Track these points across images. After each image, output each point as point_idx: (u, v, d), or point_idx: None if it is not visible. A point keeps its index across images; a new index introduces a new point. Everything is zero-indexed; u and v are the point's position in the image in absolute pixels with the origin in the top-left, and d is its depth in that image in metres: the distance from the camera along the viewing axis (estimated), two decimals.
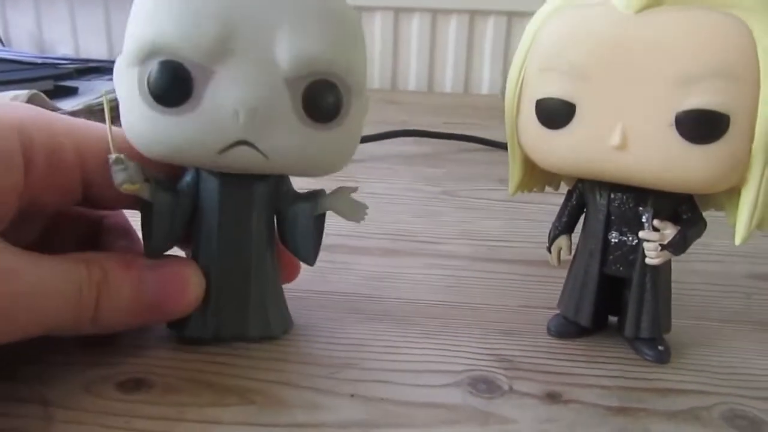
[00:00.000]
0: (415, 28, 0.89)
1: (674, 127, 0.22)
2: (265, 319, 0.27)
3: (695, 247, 0.26)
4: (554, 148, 0.25)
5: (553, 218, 0.29)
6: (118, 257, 0.25)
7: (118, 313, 0.24)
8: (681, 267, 0.35)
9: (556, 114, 0.24)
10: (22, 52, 0.86)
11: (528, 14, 0.26)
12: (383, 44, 0.89)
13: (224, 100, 0.22)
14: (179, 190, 0.25)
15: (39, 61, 0.75)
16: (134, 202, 0.25)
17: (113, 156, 0.23)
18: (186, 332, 0.26)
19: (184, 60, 0.22)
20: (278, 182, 0.26)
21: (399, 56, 0.90)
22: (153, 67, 0.22)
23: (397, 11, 0.88)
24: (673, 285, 0.27)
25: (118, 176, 0.23)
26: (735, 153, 0.22)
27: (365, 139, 0.56)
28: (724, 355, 0.27)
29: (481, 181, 0.51)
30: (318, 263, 0.28)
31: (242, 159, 0.23)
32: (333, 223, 0.28)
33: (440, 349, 0.27)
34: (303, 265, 0.29)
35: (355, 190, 0.27)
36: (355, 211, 0.27)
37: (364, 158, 0.54)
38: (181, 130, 0.22)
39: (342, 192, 0.27)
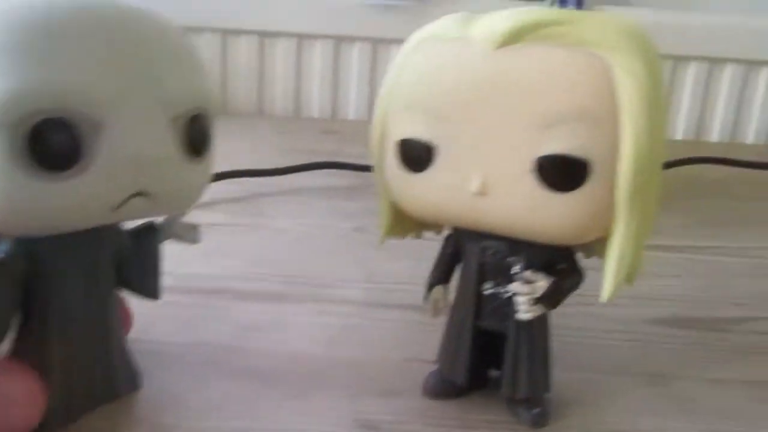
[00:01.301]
0: (355, 56, 0.87)
1: (534, 173, 0.20)
2: (126, 375, 0.25)
3: (596, 290, 0.24)
4: (416, 193, 0.23)
5: None
6: None
7: None
8: (580, 311, 0.33)
9: (417, 156, 0.22)
10: None
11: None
12: (322, 72, 0.87)
13: (121, 154, 0.20)
14: (1, 264, 0.21)
15: None
16: None
17: None
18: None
19: (70, 115, 0.18)
20: (118, 225, 0.24)
21: (339, 84, 0.88)
22: (30, 128, 0.18)
23: (338, 40, 0.86)
24: (568, 332, 0.25)
25: None
26: (598, 201, 0.20)
27: (281, 171, 0.54)
28: (607, 414, 0.25)
29: None
30: (187, 310, 0.25)
31: (133, 211, 0.21)
32: (220, 264, 0.26)
33: (302, 414, 0.25)
34: (175, 313, 0.28)
35: (184, 212, 0.25)
36: (190, 233, 0.26)
37: (277, 191, 0.51)
38: (72, 193, 0.19)
39: (174, 218, 0.25)
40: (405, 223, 0.26)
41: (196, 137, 0.22)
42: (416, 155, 0.22)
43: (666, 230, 0.45)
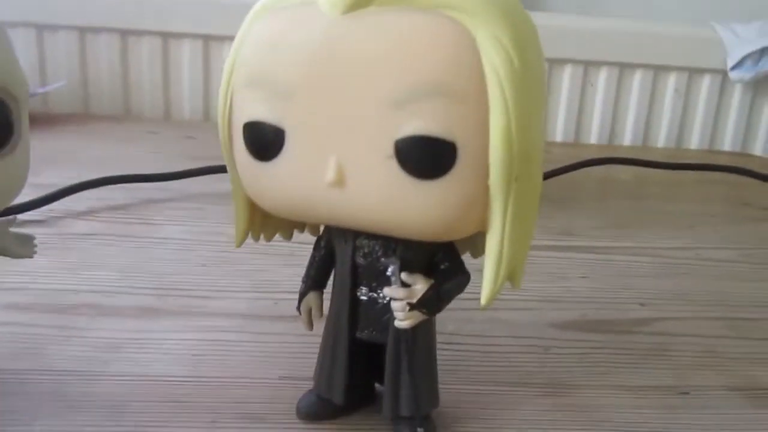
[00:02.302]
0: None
1: (394, 158, 0.17)
2: None
3: (504, 292, 0.21)
4: (266, 184, 0.19)
5: None
6: None
7: None
8: (487, 316, 0.31)
9: (263, 141, 0.19)
10: None
11: None
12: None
13: None
14: None
15: None
16: None
17: None
18: None
19: None
20: None
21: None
22: None
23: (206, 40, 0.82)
24: (465, 339, 0.23)
25: None
26: (467, 190, 0.18)
27: (177, 176, 0.49)
28: (501, 429, 0.23)
29: None
30: (37, 330, 0.21)
31: None
32: (86, 277, 0.21)
33: None
34: (18, 335, 0.25)
35: (12, 221, 0.21)
36: (23, 246, 0.22)
37: (170, 197, 0.47)
38: None
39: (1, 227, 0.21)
40: (269, 220, 0.23)
41: None
42: (263, 140, 0.19)
43: (575, 231, 0.44)
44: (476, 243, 0.22)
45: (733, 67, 0.71)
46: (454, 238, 0.19)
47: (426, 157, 0.17)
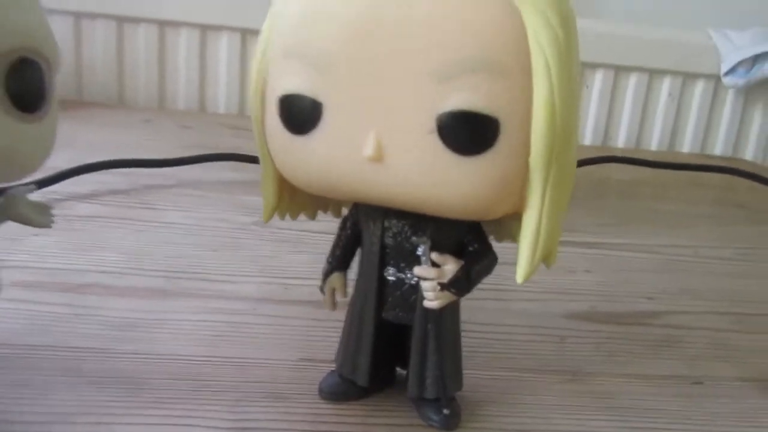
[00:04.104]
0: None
1: (436, 133, 0.17)
2: None
3: (513, 283, 0.21)
4: (300, 159, 0.19)
5: None
6: None
7: None
8: (498, 306, 0.31)
9: (300, 115, 0.19)
10: None
11: None
12: (229, 68, 0.82)
13: None
14: None
15: None
16: None
17: None
18: None
19: None
20: None
21: (245, 80, 0.84)
22: None
23: (204, 29, 0.81)
24: (481, 327, 0.23)
25: None
26: (508, 167, 0.18)
27: (178, 162, 0.49)
28: (524, 414, 0.23)
29: None
30: (51, 308, 0.21)
31: None
32: (93, 258, 0.21)
33: (169, 424, 0.21)
34: (31, 312, 0.24)
35: (32, 189, 0.21)
36: (41, 215, 0.21)
37: (172, 183, 0.47)
38: None
39: (17, 195, 0.21)
40: (295, 198, 0.23)
41: (21, 87, 0.17)
42: (299, 113, 0.19)
43: (576, 227, 0.44)
44: (503, 226, 0.22)
45: (726, 73, 0.72)
46: (491, 217, 0.19)
47: (468, 132, 0.17)
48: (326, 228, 0.40)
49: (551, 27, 0.17)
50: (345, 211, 0.24)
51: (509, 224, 0.21)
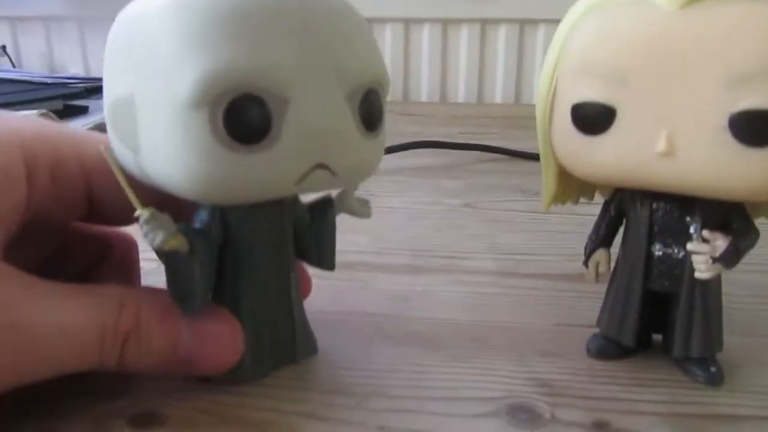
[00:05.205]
0: (426, 38, 0.87)
1: (727, 129, 0.20)
2: (306, 339, 0.26)
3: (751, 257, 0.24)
4: (593, 156, 0.23)
5: (577, 228, 0.27)
6: (155, 304, 0.22)
7: (145, 365, 0.22)
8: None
9: (595, 119, 0.22)
10: (33, 72, 0.85)
11: (540, 21, 0.25)
12: (394, 56, 0.88)
13: (305, 128, 0.21)
14: (202, 231, 0.23)
15: (49, 81, 0.75)
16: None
17: (145, 213, 0.21)
18: (228, 378, 0.24)
19: (262, 92, 0.20)
20: (296, 196, 0.25)
21: (410, 67, 0.89)
22: (227, 104, 0.19)
23: (407, 22, 0.87)
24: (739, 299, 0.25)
25: (157, 236, 0.21)
26: None
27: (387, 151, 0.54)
28: None
29: (501, 192, 0.49)
30: (337, 282, 0.26)
31: (315, 183, 0.22)
32: (350, 239, 0.26)
33: (474, 374, 0.25)
34: (322, 285, 0.28)
35: (356, 185, 0.26)
36: (363, 207, 0.27)
37: (379, 171, 0.52)
38: (263, 165, 0.20)
39: (346, 192, 0.26)
40: (569, 188, 0.26)
41: (370, 112, 0.22)
42: (594, 118, 0.22)
43: None
44: (762, 206, 0.24)
45: None
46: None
47: (759, 127, 0.20)
48: (528, 207, 0.44)
49: None
50: (600, 196, 0.28)
51: (765, 204, 0.24)
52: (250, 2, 0.20)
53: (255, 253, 0.24)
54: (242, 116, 0.20)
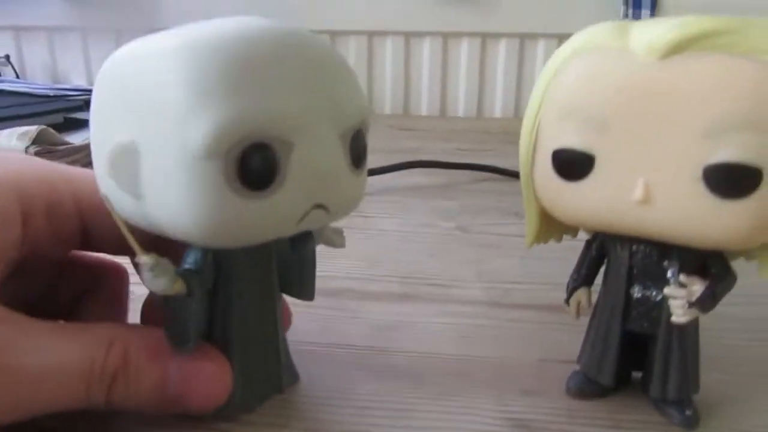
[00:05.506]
0: (426, 52, 0.88)
1: (701, 181, 0.21)
2: (289, 367, 0.27)
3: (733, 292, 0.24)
4: (573, 201, 0.23)
5: (567, 255, 0.27)
6: (144, 342, 0.23)
7: (134, 403, 0.23)
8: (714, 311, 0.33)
9: (574, 165, 0.23)
10: (35, 83, 0.86)
11: (540, 36, 0.25)
12: (394, 69, 0.88)
13: (308, 170, 0.21)
14: (197, 272, 0.23)
15: (51, 93, 0.75)
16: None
17: (149, 261, 0.21)
18: (216, 415, 0.24)
19: (272, 140, 0.20)
20: None
21: (410, 81, 0.89)
22: (239, 153, 0.19)
23: (408, 36, 0.87)
24: (706, 333, 0.26)
25: (159, 282, 0.21)
26: (766, 209, 0.20)
27: (376, 171, 0.55)
28: (757, 415, 0.26)
29: (495, 214, 0.49)
30: (324, 311, 0.26)
31: (312, 222, 0.22)
32: (340, 265, 0.27)
33: (455, 413, 0.26)
34: (309, 314, 0.29)
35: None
36: (338, 237, 0.27)
37: (374, 191, 0.53)
38: (271, 208, 0.21)
39: (326, 225, 0.26)
40: (552, 227, 0.27)
41: (358, 149, 0.23)
42: (573, 165, 0.23)
43: None
44: (754, 251, 0.25)
45: None
46: (748, 248, 0.22)
47: (733, 180, 0.20)
48: (519, 231, 0.44)
49: None
50: (582, 234, 0.28)
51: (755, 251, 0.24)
52: (251, 49, 0.21)
53: (245, 291, 0.24)
54: (254, 164, 0.20)
